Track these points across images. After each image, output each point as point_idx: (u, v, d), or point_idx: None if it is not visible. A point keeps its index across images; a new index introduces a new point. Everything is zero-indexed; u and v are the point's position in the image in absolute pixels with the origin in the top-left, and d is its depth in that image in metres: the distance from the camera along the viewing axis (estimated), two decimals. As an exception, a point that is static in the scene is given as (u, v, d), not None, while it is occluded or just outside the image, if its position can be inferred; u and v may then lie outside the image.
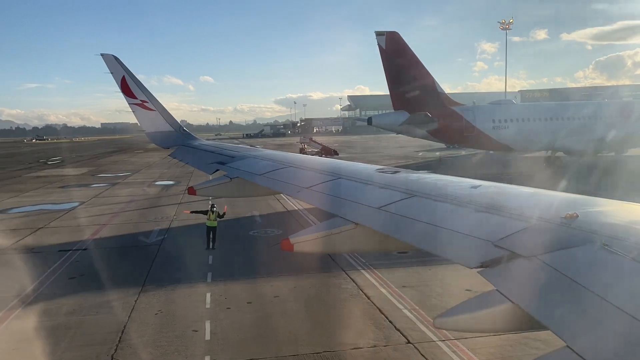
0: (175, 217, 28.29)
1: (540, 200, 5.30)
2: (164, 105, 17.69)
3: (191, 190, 10.83)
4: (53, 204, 35.45)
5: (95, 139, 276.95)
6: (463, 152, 74.42)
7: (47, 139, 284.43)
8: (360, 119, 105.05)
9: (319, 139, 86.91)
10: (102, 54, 16.68)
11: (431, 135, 49.04)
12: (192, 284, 16.74)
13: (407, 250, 5.55)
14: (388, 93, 47.99)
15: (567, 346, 2.86)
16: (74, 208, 33.05)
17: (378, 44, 46.05)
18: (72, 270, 18.76)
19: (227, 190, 10.57)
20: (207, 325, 13.40)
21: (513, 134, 48.31)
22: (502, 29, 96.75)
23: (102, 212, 31.20)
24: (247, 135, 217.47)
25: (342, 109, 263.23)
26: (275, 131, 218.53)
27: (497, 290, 3.69)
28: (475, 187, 5.96)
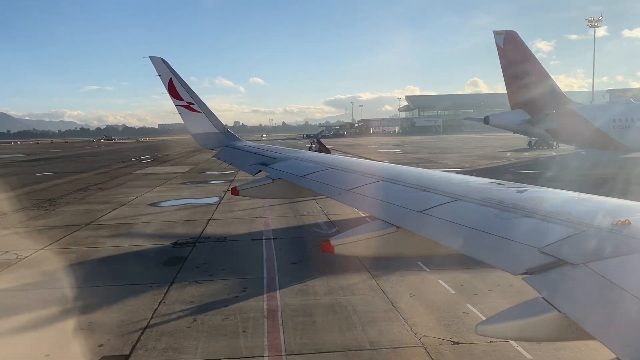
0: (326, 212, 29.58)
1: (589, 206, 5.13)
2: (218, 107, 19.56)
3: (234, 191, 10.95)
4: (194, 198, 37.68)
5: (160, 139, 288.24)
6: (553, 153, 73.13)
7: (114, 139, 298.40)
8: (472, 118, 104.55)
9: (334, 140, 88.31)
10: (150, 57, 17.43)
11: (549, 135, 48.84)
12: (413, 272, 17.49)
13: (449, 255, 5.49)
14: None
15: (618, 358, 2.82)
16: (219, 202, 35.03)
17: (496, 43, 46.00)
18: (285, 257, 20.13)
19: (270, 191, 10.76)
20: (472, 308, 14.23)
21: (637, 133, 47.19)
22: (590, 27, 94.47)
23: (249, 207, 32.82)
24: (307, 136, 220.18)
25: (400, 110, 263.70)
26: (334, 132, 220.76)
27: (542, 298, 3.64)
28: (521, 191, 5.99)
